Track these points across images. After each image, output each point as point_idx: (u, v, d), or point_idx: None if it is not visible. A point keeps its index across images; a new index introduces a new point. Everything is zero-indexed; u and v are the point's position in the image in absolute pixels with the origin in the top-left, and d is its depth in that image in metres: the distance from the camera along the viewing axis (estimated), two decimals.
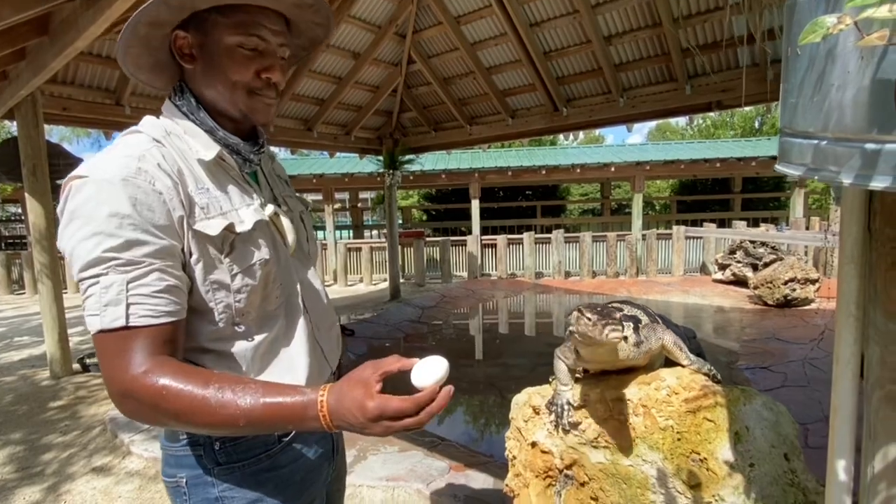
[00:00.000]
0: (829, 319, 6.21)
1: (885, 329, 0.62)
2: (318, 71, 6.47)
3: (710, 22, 4.86)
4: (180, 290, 0.79)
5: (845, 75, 0.43)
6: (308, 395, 0.74)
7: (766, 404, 1.07)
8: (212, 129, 0.90)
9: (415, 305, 8.26)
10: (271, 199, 1.00)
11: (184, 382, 0.73)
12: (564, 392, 1.31)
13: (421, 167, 11.90)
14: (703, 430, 1.02)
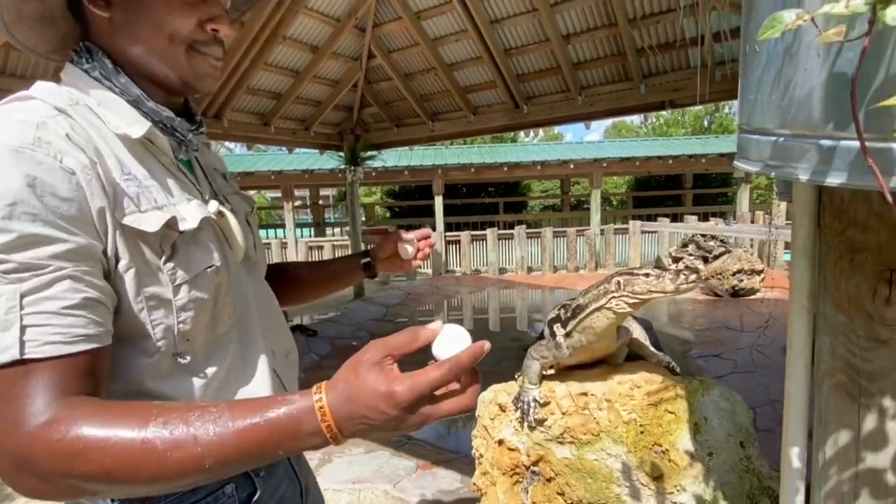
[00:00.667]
0: (773, 308, 6.58)
1: (835, 320, 0.64)
2: (275, 64, 6.27)
3: (662, 23, 5.02)
4: (102, 307, 0.59)
5: (803, 72, 0.44)
6: (297, 403, 0.54)
7: (722, 394, 1.12)
8: (138, 98, 0.69)
9: (379, 303, 8.19)
10: (212, 194, 0.81)
11: (111, 425, 0.52)
12: (531, 389, 1.32)
13: (383, 163, 11.77)
14: (664, 423, 1.05)
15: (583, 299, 1.33)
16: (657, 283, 1.16)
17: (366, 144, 8.07)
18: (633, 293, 1.21)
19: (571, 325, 1.32)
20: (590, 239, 11.28)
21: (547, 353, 1.33)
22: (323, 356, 5.90)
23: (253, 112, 6.89)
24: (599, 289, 1.29)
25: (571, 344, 1.32)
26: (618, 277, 1.25)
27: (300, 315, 7.84)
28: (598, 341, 1.30)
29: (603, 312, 1.26)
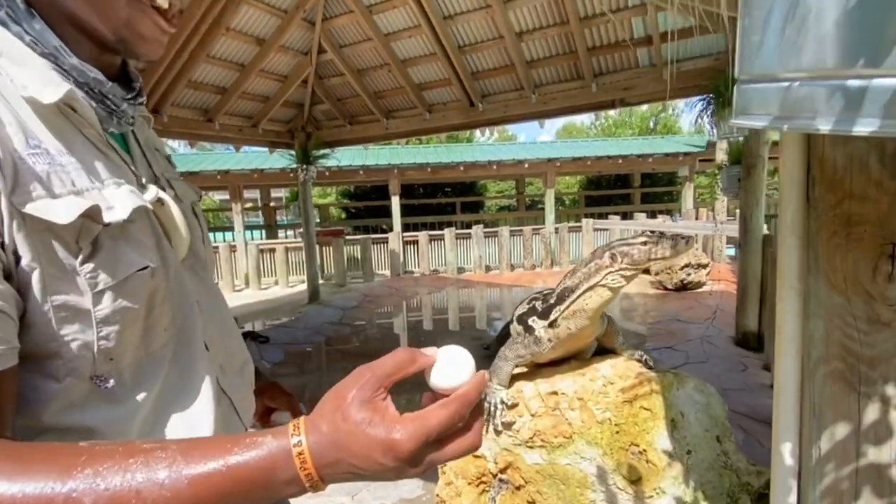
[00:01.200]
0: (719, 300, 6.86)
1: (829, 302, 0.59)
2: (218, 57, 5.93)
3: (612, 22, 5.11)
4: (4, 318, 0.46)
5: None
6: (269, 446, 0.44)
7: (697, 387, 1.08)
8: (56, 52, 0.54)
9: (336, 307, 7.94)
10: (151, 178, 0.67)
11: (20, 477, 0.39)
12: (498, 391, 1.23)
13: (337, 163, 11.48)
14: (640, 420, 0.99)
15: (570, 281, 1.25)
16: (655, 250, 1.13)
17: (318, 142, 7.80)
18: (631, 264, 1.16)
19: (557, 313, 1.24)
20: (545, 237, 11.45)
21: (524, 352, 1.25)
22: (276, 363, 5.63)
23: (195, 107, 6.50)
24: (589, 267, 1.22)
25: (556, 334, 1.24)
26: (610, 251, 1.19)
27: (251, 321, 7.48)
28: (587, 327, 1.22)
29: (597, 291, 1.20)
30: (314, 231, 8.31)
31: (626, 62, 5.55)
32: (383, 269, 11.44)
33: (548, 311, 1.27)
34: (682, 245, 1.12)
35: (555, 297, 1.28)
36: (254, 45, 6.04)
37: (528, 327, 1.30)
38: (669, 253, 1.12)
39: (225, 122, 6.89)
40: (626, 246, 1.18)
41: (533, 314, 1.31)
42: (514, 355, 1.26)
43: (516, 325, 1.36)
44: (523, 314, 1.34)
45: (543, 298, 1.32)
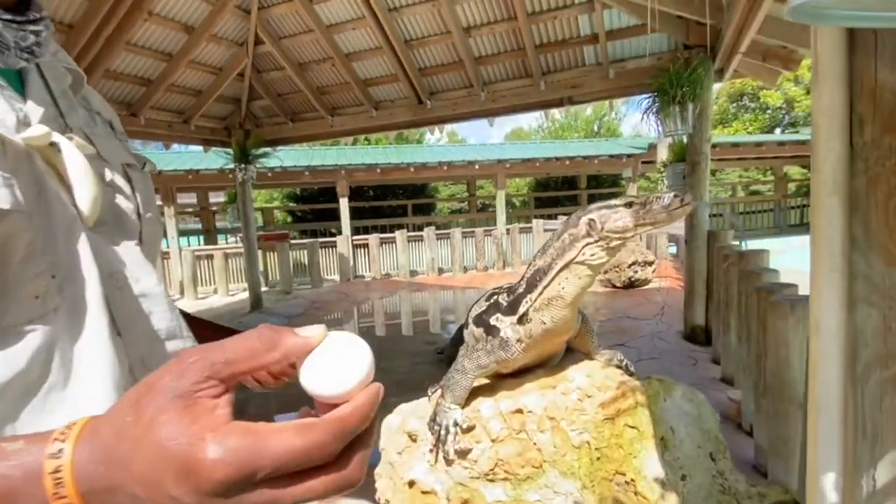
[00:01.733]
0: (666, 296, 7.02)
1: (886, 283, 0.44)
2: (140, 44, 5.42)
3: (560, 19, 5.09)
4: None
5: None
6: (14, 457, 0.32)
7: (685, 395, 0.93)
8: None
9: (279, 315, 7.49)
10: (54, 121, 0.57)
11: None
12: (451, 411, 1.00)
13: (280, 163, 10.95)
14: (625, 442, 0.82)
15: (541, 261, 1.04)
16: (644, 213, 0.93)
17: (257, 141, 7.35)
18: (614, 231, 0.95)
19: (528, 304, 1.02)
20: (497, 239, 11.44)
21: (486, 360, 1.01)
22: None
23: (116, 100, 5.92)
24: (562, 240, 1.01)
25: (528, 332, 1.01)
26: (588, 216, 0.98)
27: None
28: (566, 319, 1.01)
29: (574, 270, 0.99)
30: (255, 235, 7.82)
31: (573, 60, 5.56)
32: (332, 275, 11.02)
33: (515, 303, 1.06)
34: (678, 205, 0.92)
35: (524, 284, 1.07)
36: (181, 33, 5.58)
37: (490, 328, 1.08)
38: (663, 216, 0.92)
39: (151, 118, 6.34)
40: (607, 209, 0.98)
41: (496, 311, 1.10)
42: (474, 366, 1.01)
43: (474, 328, 1.14)
44: (483, 313, 1.13)
45: (508, 291, 1.11)
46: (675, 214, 0.94)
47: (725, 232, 4.68)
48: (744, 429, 2.95)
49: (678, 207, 0.93)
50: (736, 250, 3.58)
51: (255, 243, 7.80)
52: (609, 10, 4.83)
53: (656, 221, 0.95)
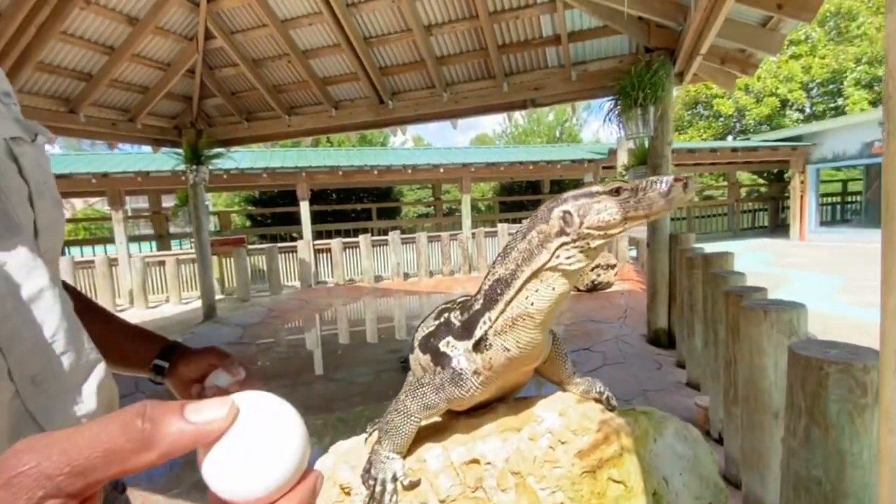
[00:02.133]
0: (628, 299, 7.07)
1: None
2: (78, 35, 5.01)
3: (522, 19, 5.01)
4: None
5: None
6: None
7: (678, 433, 0.79)
8: None
9: (235, 324, 7.11)
10: None
11: None
12: (389, 462, 0.81)
13: (236, 164, 10.51)
14: (610, 502, 0.67)
15: (502, 268, 0.83)
16: (637, 203, 0.75)
17: (210, 141, 6.97)
18: (596, 227, 0.76)
19: (486, 325, 0.81)
20: (463, 243, 11.34)
21: (435, 398, 0.80)
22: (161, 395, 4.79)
23: (52, 96, 5.47)
24: (530, 238, 0.81)
25: (488, 363, 0.80)
26: (561, 208, 0.79)
27: None
28: (536, 343, 0.81)
29: (545, 278, 0.79)
30: (208, 240, 7.41)
31: (535, 62, 5.50)
32: (293, 281, 10.64)
33: (470, 324, 0.85)
34: (679, 190, 0.74)
35: (480, 299, 0.86)
36: (124, 25, 5.20)
37: (439, 356, 0.86)
38: (660, 204, 0.74)
39: (93, 115, 5.90)
40: (586, 198, 0.77)
41: (446, 333, 0.88)
42: (419, 406, 0.80)
43: (420, 354, 0.92)
44: (430, 336, 0.90)
45: (462, 306, 0.90)
46: (676, 201, 0.75)
47: (687, 235, 4.70)
48: (712, 436, 2.89)
49: (680, 193, 0.74)
50: (700, 253, 3.56)
51: (207, 248, 7.39)
52: (571, 11, 4.79)
53: (651, 212, 0.76)
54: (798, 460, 1.51)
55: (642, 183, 0.78)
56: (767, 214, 17.97)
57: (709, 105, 22.55)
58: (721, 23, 3.32)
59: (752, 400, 2.04)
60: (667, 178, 0.77)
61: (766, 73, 20.26)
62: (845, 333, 5.37)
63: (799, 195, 14.73)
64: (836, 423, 1.42)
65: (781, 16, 3.32)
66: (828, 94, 20.90)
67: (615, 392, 0.90)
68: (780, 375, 1.94)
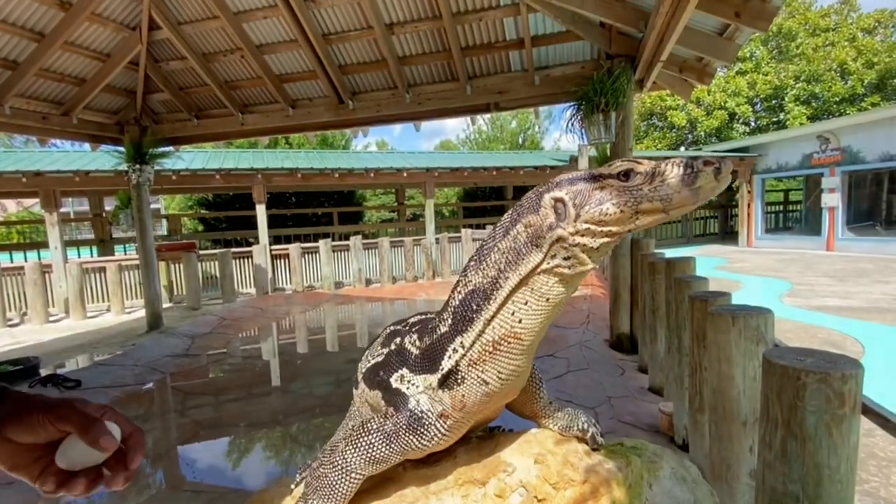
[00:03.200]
0: (591, 304, 7.10)
1: None
2: (2, 19, 4.56)
3: (485, 20, 4.94)
4: None
5: None
6: None
7: (675, 474, 0.66)
8: None
9: (182, 335, 6.66)
10: None
11: None
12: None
13: (187, 165, 9.97)
14: None
15: (478, 276, 0.65)
16: (654, 190, 0.59)
17: (156, 139, 6.54)
18: (598, 221, 0.61)
19: (458, 354, 0.64)
20: (426, 248, 11.18)
21: (386, 450, 0.62)
22: None
23: None
24: (514, 234, 0.64)
25: (461, 402, 0.62)
26: (553, 193, 0.63)
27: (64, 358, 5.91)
28: (520, 372, 0.65)
29: (536, 287, 0.63)
30: (153, 244, 6.94)
31: (499, 65, 5.44)
32: (248, 288, 10.17)
33: (435, 352, 0.67)
34: (709, 178, 0.58)
35: (448, 318, 0.67)
36: (55, 9, 4.77)
37: (392, 394, 0.68)
38: (685, 196, 0.59)
39: (19, 107, 5.40)
40: (585, 182, 0.59)
41: (399, 365, 0.70)
42: (363, 459, 0.61)
43: (367, 389, 0.73)
44: (378, 367, 0.72)
45: (420, 329, 0.72)
46: (705, 192, 0.59)
47: (648, 240, 4.72)
48: (676, 443, 2.85)
49: (710, 181, 0.59)
50: (662, 258, 3.55)
51: (153, 254, 6.91)
52: (535, 15, 4.76)
53: (671, 205, 0.60)
54: (774, 474, 1.44)
55: (661, 165, 0.62)
56: (718, 222, 18.77)
57: (663, 116, 23.43)
58: (681, 30, 3.34)
59: (721, 408, 1.99)
60: (695, 161, 0.61)
61: (716, 88, 21.24)
62: (796, 336, 5.56)
63: (746, 204, 15.44)
64: (813, 435, 1.36)
65: (739, 24, 3.37)
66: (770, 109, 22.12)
67: (579, 399, 0.77)
68: (749, 383, 1.89)
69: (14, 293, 8.51)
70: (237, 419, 4.22)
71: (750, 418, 1.88)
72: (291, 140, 18.25)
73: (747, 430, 1.88)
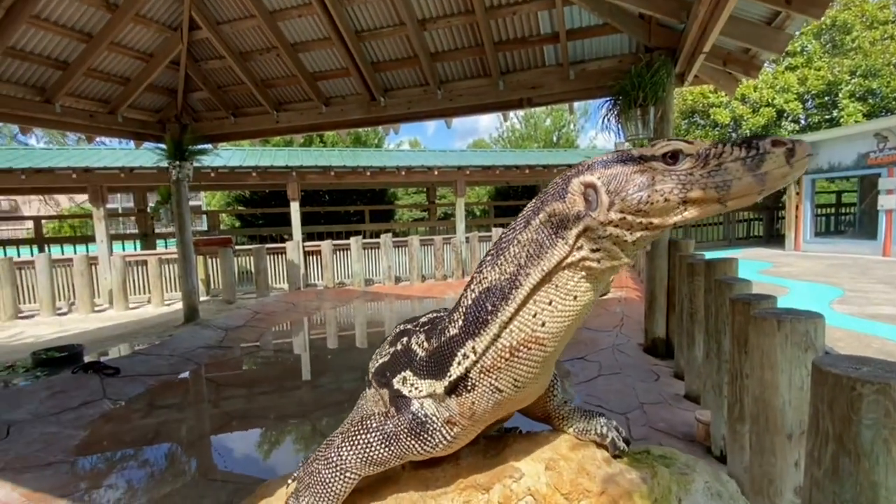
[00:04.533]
0: (625, 307, 6.88)
1: None
2: (52, 20, 4.79)
3: (519, 14, 4.84)
4: None
5: None
6: None
7: (710, 489, 0.59)
8: None
9: (216, 327, 6.84)
10: None
11: None
12: None
13: (225, 162, 10.27)
14: None
15: (495, 272, 0.59)
16: (709, 174, 0.50)
17: (195, 136, 6.74)
18: (637, 211, 0.53)
19: (469, 360, 0.57)
20: (456, 247, 11.14)
21: (385, 452, 0.57)
22: (129, 399, 4.55)
23: (24, 84, 5.23)
24: (535, 225, 0.57)
25: (470, 409, 0.55)
26: (581, 177, 0.56)
27: (106, 347, 6.17)
28: (539, 378, 0.58)
29: (562, 283, 0.56)
30: (190, 239, 7.16)
31: (532, 60, 5.33)
32: (281, 283, 10.38)
33: (443, 356, 0.60)
34: (780, 160, 0.48)
35: (459, 319, 0.61)
36: (102, 10, 4.97)
37: (395, 395, 0.63)
38: (747, 182, 0.50)
39: (70, 106, 5.66)
40: (621, 165, 0.50)
41: (404, 366, 0.65)
42: (358, 459, 0.57)
43: (378, 389, 0.70)
44: (385, 367, 0.69)
45: (428, 329, 0.66)
46: (773, 179, 0.50)
47: (687, 241, 4.52)
48: (713, 453, 2.69)
49: (780, 165, 0.49)
50: (702, 259, 3.37)
51: (190, 248, 7.13)
52: (570, 8, 4.63)
53: (729, 194, 0.50)
54: (823, 493, 1.32)
55: (717, 147, 0.52)
56: (763, 224, 17.92)
57: (706, 114, 22.56)
58: (725, 19, 3.16)
59: (763, 419, 1.85)
60: (763, 141, 0.51)
61: (763, 84, 20.29)
62: (847, 345, 5.21)
63: (794, 205, 14.67)
64: (869, 451, 1.23)
65: (790, 11, 3.16)
66: (823, 106, 20.96)
67: (610, 404, 0.69)
68: (796, 393, 1.75)
69: (63, 284, 8.97)
70: (267, 411, 4.28)
71: (796, 431, 1.74)
72: (326, 139, 18.56)
73: (793, 444, 1.74)
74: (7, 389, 4.52)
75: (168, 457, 3.46)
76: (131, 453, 3.48)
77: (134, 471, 3.24)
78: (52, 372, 4.92)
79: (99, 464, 3.31)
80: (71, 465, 3.19)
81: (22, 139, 16.56)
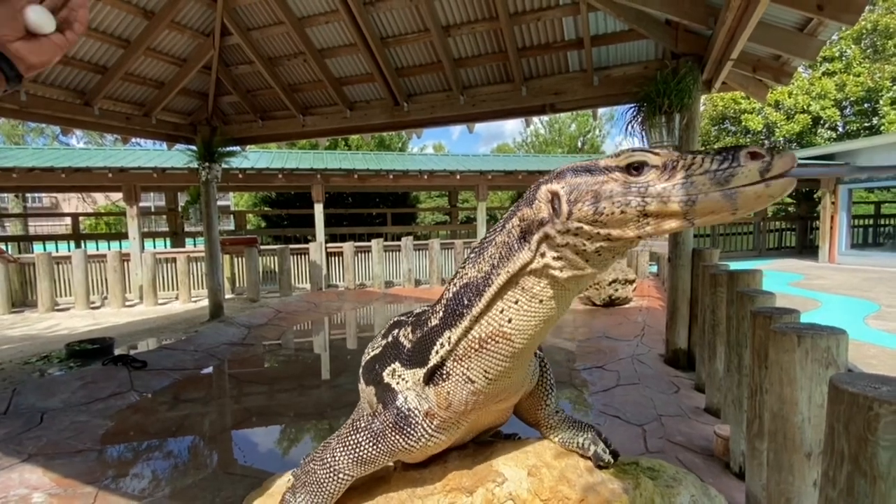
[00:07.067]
0: (646, 316, 6.76)
1: None
2: (93, 27, 5.01)
3: (543, 20, 4.84)
4: None
5: None
6: None
7: (695, 502, 0.59)
8: None
9: (239, 324, 7.01)
10: None
11: None
12: None
13: (252, 164, 10.52)
14: None
15: (474, 269, 0.63)
16: (674, 188, 0.50)
17: (224, 138, 6.94)
18: (592, 221, 0.54)
19: (444, 348, 0.60)
20: None
21: (373, 450, 0.59)
22: (155, 392, 4.70)
23: (66, 87, 5.48)
24: (509, 227, 0.60)
25: (446, 400, 0.57)
26: (549, 185, 0.56)
27: (136, 340, 6.39)
28: (510, 374, 0.59)
29: (528, 286, 0.58)
30: (217, 238, 7.36)
31: (556, 66, 5.31)
32: (304, 283, 10.56)
33: (424, 345, 0.63)
34: (752, 174, 0.47)
35: (440, 311, 0.64)
36: (140, 18, 5.18)
37: (383, 389, 0.65)
38: (714, 199, 0.49)
39: (107, 108, 5.90)
40: (587, 174, 0.51)
41: (393, 359, 0.67)
42: (350, 459, 0.59)
43: (365, 386, 0.73)
44: (375, 360, 0.70)
45: (416, 320, 0.69)
46: (746, 199, 0.46)
47: (711, 250, 4.43)
48: (732, 469, 2.63)
49: (752, 179, 0.45)
50: (725, 270, 3.30)
51: (217, 247, 7.33)
52: (595, 13, 4.61)
53: (695, 210, 0.49)
54: None
55: (687, 158, 0.51)
56: (795, 234, 17.34)
57: (737, 120, 22.00)
58: (754, 25, 3.09)
59: (781, 436, 1.80)
60: (738, 151, 0.48)
61: (798, 90, 19.69)
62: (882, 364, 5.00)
63: (829, 216, 14.16)
64: (886, 473, 1.19)
65: (822, 17, 3.08)
66: (862, 113, 20.20)
67: (627, 415, 0.69)
68: (815, 410, 1.70)
69: (97, 279, 9.33)
70: (287, 409, 4.36)
71: (815, 449, 1.69)
72: (350, 142, 18.83)
73: (811, 463, 1.69)
74: (42, 379, 4.73)
75: (190, 449, 3.56)
76: (156, 444, 3.60)
77: (158, 461, 3.35)
78: (85, 363, 5.13)
79: (125, 453, 3.44)
80: (99, 454, 3.32)
81: (63, 140, 17.37)
